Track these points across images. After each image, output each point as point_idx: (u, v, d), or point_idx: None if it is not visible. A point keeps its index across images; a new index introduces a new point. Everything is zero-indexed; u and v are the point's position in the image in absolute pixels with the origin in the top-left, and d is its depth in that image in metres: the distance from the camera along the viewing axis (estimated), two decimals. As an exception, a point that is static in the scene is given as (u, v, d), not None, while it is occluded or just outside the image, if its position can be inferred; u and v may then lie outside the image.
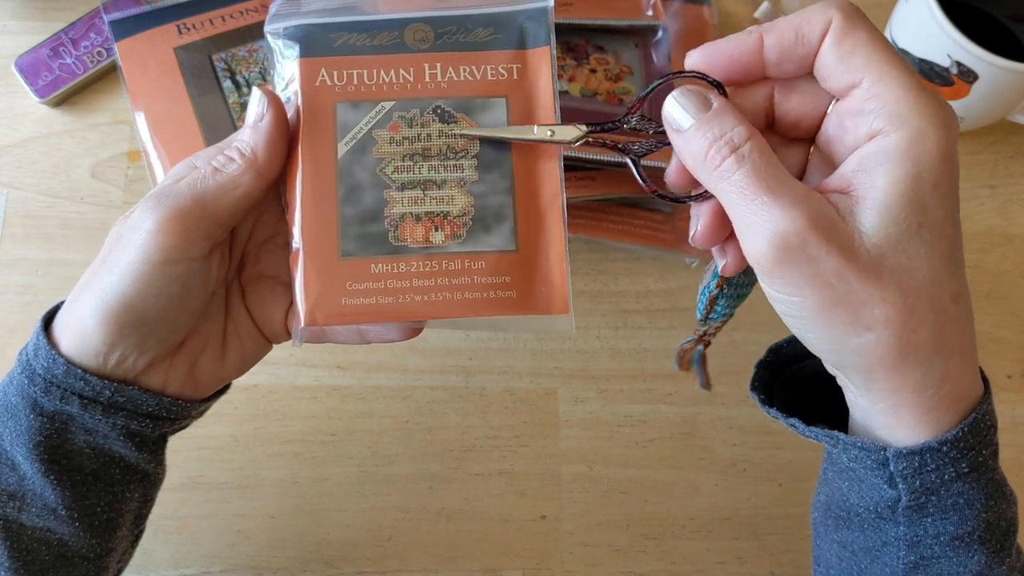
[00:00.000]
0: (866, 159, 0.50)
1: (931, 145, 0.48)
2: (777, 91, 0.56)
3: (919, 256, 0.49)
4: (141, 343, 0.57)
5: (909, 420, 0.52)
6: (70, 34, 1.00)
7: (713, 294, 0.62)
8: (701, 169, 0.52)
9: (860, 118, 0.51)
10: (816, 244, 0.48)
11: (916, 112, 0.48)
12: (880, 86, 0.49)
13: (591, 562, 0.89)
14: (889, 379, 0.51)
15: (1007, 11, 0.95)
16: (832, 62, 0.51)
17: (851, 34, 0.50)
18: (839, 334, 0.50)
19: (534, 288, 0.60)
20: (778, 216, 0.48)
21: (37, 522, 0.59)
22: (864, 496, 0.57)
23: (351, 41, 0.61)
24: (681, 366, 0.67)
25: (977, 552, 0.54)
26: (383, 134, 0.60)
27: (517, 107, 0.61)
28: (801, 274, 0.49)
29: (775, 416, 0.61)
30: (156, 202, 0.56)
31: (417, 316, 0.59)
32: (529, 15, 0.62)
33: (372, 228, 0.59)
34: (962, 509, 0.54)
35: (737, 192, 0.50)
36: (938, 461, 0.52)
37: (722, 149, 0.51)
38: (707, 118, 0.52)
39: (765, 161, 0.50)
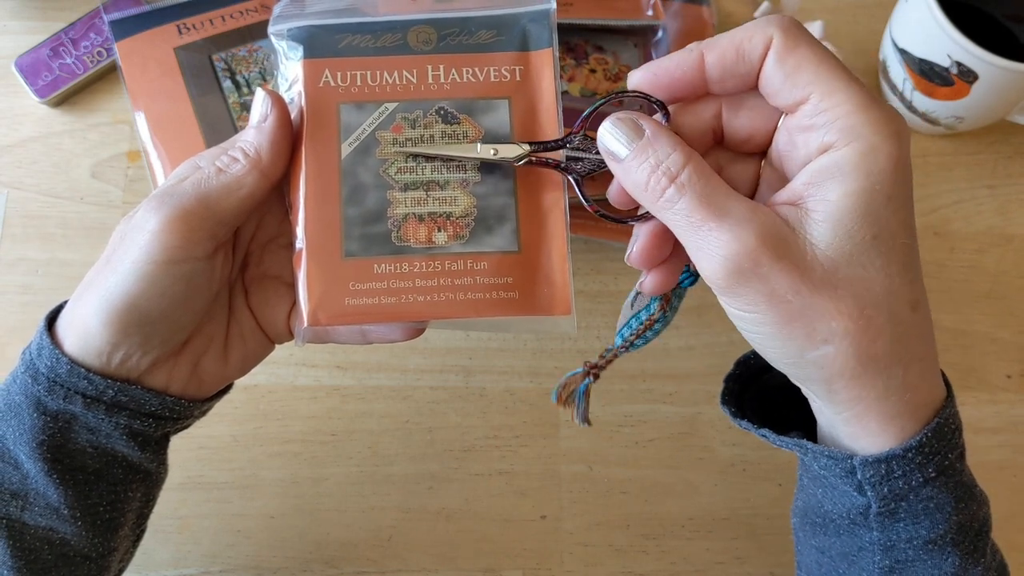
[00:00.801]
0: (818, 172, 0.50)
1: (883, 157, 0.49)
2: (725, 107, 0.56)
3: (874, 267, 0.49)
4: (145, 343, 0.57)
5: (874, 428, 0.53)
6: (70, 34, 1.00)
7: (654, 317, 0.62)
8: (643, 199, 0.53)
9: (810, 133, 0.51)
10: (768, 262, 0.48)
11: (867, 125, 0.49)
12: (829, 100, 0.50)
13: (591, 562, 0.89)
14: (850, 390, 0.51)
15: (1007, 11, 0.95)
16: (778, 79, 0.51)
17: (794, 51, 0.51)
18: (797, 347, 0.51)
19: (536, 289, 0.60)
20: (726, 239, 0.49)
21: (40, 521, 0.59)
22: (837, 503, 0.57)
23: (355, 43, 0.61)
24: (559, 399, 0.67)
25: (951, 554, 0.55)
26: (386, 135, 0.60)
27: (520, 108, 0.61)
28: (756, 292, 0.49)
29: (746, 428, 0.61)
30: (160, 202, 0.56)
31: (420, 316, 0.59)
32: (532, 17, 0.62)
33: (375, 228, 0.59)
34: (932, 513, 0.54)
35: (683, 219, 0.51)
36: (904, 467, 0.53)
37: (660, 180, 0.51)
38: (641, 147, 0.53)
39: (706, 184, 0.51)
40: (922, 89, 0.94)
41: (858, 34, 1.07)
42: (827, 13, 1.07)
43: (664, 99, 0.55)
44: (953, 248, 0.99)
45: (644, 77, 0.55)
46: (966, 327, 0.97)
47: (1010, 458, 0.93)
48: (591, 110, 0.58)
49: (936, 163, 1.02)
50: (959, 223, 1.00)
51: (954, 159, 1.03)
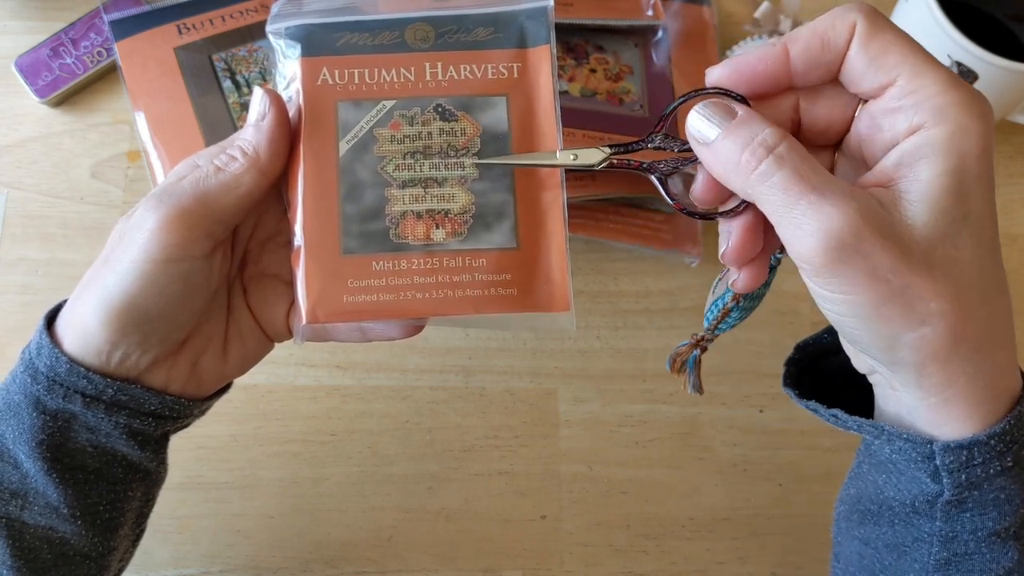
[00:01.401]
0: (908, 153, 0.49)
1: (974, 137, 0.48)
2: (803, 100, 0.55)
3: (967, 247, 0.49)
4: (144, 341, 0.57)
5: (959, 414, 0.52)
6: (70, 34, 1.00)
7: (728, 307, 0.61)
8: (736, 176, 0.51)
9: (897, 115, 0.50)
10: (871, 240, 0.47)
11: (957, 106, 0.48)
12: (917, 82, 0.49)
13: (591, 562, 0.89)
14: (942, 373, 0.51)
15: (1007, 11, 0.95)
16: (862, 64, 0.51)
17: (879, 35, 0.50)
18: (893, 330, 0.49)
19: (535, 286, 0.60)
20: (828, 214, 0.48)
21: (39, 520, 0.59)
22: (902, 490, 0.56)
23: (352, 40, 0.61)
24: (673, 369, 0.67)
25: (1012, 548, 0.54)
26: (384, 132, 0.60)
27: (517, 105, 0.61)
28: (856, 272, 0.48)
29: (814, 408, 0.60)
30: (159, 201, 0.56)
31: (418, 313, 0.59)
32: (529, 14, 0.62)
33: (373, 226, 0.59)
34: (1002, 504, 0.53)
35: (780, 193, 0.49)
36: (985, 455, 0.52)
37: (757, 151, 0.50)
38: (734, 125, 0.52)
39: (804, 159, 0.50)
40: (922, 89, 0.94)
41: (858, 34, 1.07)
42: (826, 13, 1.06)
43: (746, 94, 0.54)
44: (954, 248, 0.99)
45: (725, 73, 0.54)
46: (967, 327, 0.96)
47: (1011, 458, 0.92)
48: (671, 109, 0.57)
49: (937, 163, 1.02)
50: (960, 223, 1.00)
51: (955, 159, 1.02)
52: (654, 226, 0.96)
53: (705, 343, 0.65)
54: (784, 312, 0.96)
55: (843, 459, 0.74)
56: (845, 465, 0.63)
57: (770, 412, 0.93)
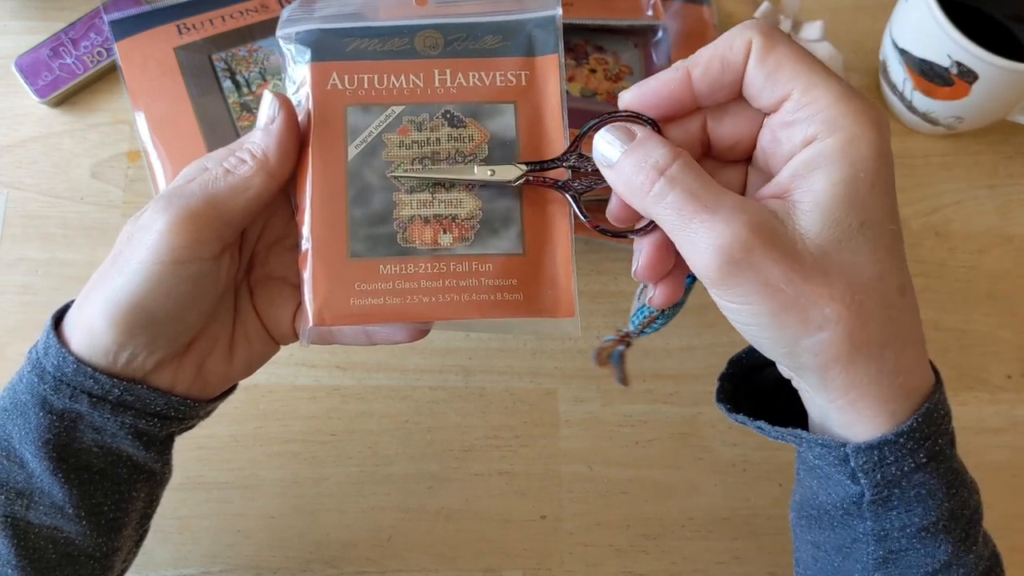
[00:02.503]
0: (803, 164, 0.51)
1: (865, 145, 0.50)
2: (710, 118, 0.57)
3: (863, 252, 0.50)
4: (150, 343, 0.57)
5: (867, 414, 0.53)
6: (70, 34, 1.00)
7: (654, 315, 0.62)
8: (635, 197, 0.54)
9: (794, 128, 0.52)
10: (760, 252, 0.49)
11: (848, 116, 0.50)
12: (810, 95, 0.51)
13: (591, 562, 0.89)
14: (844, 375, 0.52)
15: (1007, 11, 0.95)
16: (760, 80, 0.53)
17: (773, 51, 0.52)
18: (792, 336, 0.51)
19: (540, 291, 0.60)
20: (719, 230, 0.49)
21: (44, 520, 0.59)
22: (831, 493, 0.58)
23: (362, 46, 0.62)
24: (599, 361, 0.67)
25: (943, 542, 0.55)
26: (393, 137, 0.61)
27: (525, 113, 0.62)
28: (749, 283, 0.50)
29: (742, 422, 0.61)
30: (168, 202, 0.56)
31: (424, 317, 0.59)
32: (538, 23, 0.63)
33: (381, 230, 0.60)
34: (925, 500, 0.54)
35: (674, 213, 0.51)
36: (896, 453, 0.53)
37: (650, 173, 0.52)
38: (632, 147, 0.54)
39: (695, 178, 0.52)
40: (922, 89, 0.94)
41: (858, 34, 1.07)
42: (827, 13, 1.07)
43: (655, 117, 0.56)
44: (953, 248, 0.99)
45: (634, 97, 0.56)
46: (966, 327, 0.97)
47: (1010, 458, 0.93)
48: (585, 130, 0.58)
49: (936, 163, 1.03)
50: (959, 223, 1.00)
51: (954, 159, 1.03)
52: (654, 226, 0.96)
53: (629, 339, 0.66)
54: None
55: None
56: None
57: (770, 412, 0.93)
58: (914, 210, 1.01)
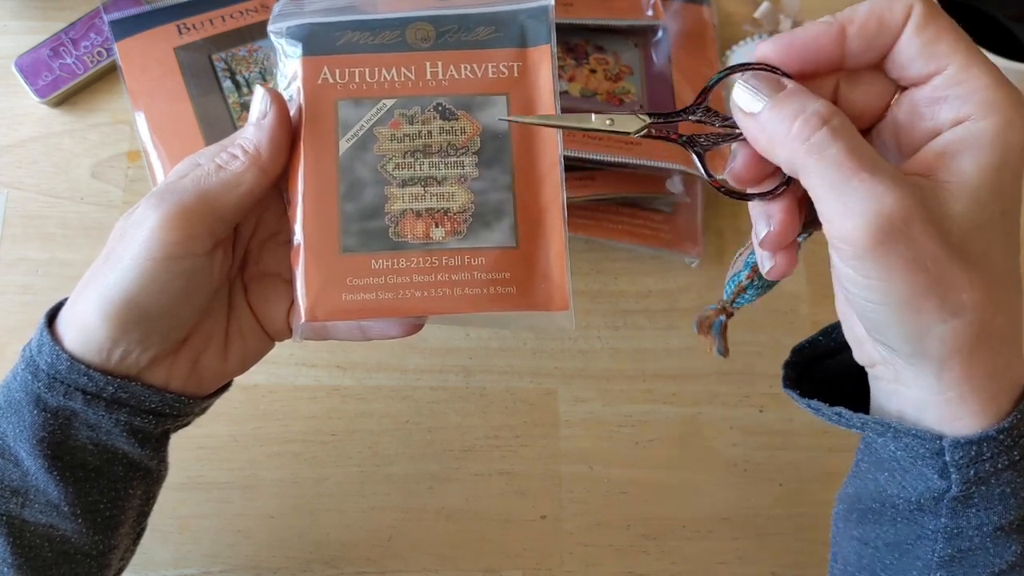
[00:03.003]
0: (952, 144, 0.49)
1: (1019, 132, 0.48)
2: (843, 83, 0.54)
3: (998, 242, 0.49)
4: (144, 339, 0.57)
5: (975, 408, 0.51)
6: (70, 34, 1.00)
7: (743, 284, 0.60)
8: (784, 147, 0.50)
9: (942, 105, 0.50)
10: (920, 224, 0.46)
11: (1006, 101, 0.48)
12: (967, 73, 0.49)
13: (591, 562, 0.89)
14: (962, 368, 0.50)
15: (1007, 11, 0.95)
16: (913, 50, 0.50)
17: (933, 22, 0.49)
18: (924, 320, 0.49)
19: (534, 284, 0.60)
20: (880, 195, 0.46)
21: (40, 518, 0.59)
22: (906, 487, 0.56)
23: (353, 40, 0.62)
24: (700, 331, 0.66)
25: (1015, 542, 0.53)
26: (384, 131, 0.60)
27: (518, 105, 0.61)
28: (899, 257, 0.47)
29: (816, 408, 0.58)
30: (160, 199, 0.56)
31: (417, 312, 0.59)
32: (530, 14, 0.62)
33: (373, 224, 0.60)
34: (1007, 499, 0.52)
35: (832, 168, 0.48)
36: (994, 450, 0.51)
37: (811, 120, 0.49)
38: (784, 95, 0.50)
39: (856, 136, 0.49)
40: (922, 89, 0.94)
41: (858, 34, 1.07)
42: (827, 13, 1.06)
43: (794, 72, 0.53)
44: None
45: (777, 48, 0.53)
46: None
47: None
48: (715, 81, 0.56)
49: (936, 163, 1.02)
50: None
51: (954, 159, 1.02)
52: (654, 226, 0.96)
53: (731, 309, 0.64)
54: (784, 312, 0.96)
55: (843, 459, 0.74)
56: (845, 465, 0.63)
57: (770, 412, 0.93)
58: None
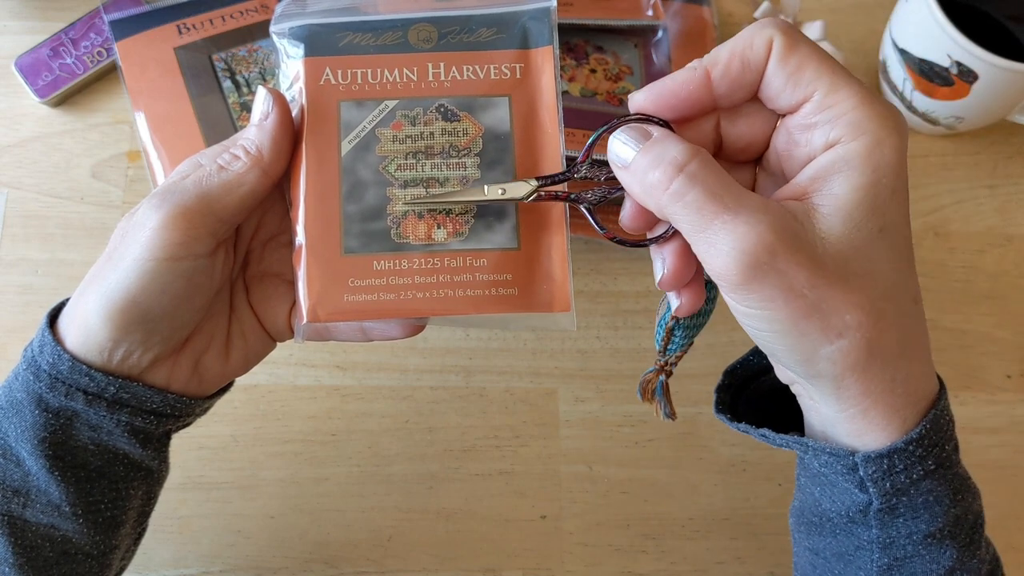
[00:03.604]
0: (824, 167, 0.50)
1: (889, 151, 0.49)
2: (723, 119, 0.56)
3: (881, 259, 0.50)
4: (146, 340, 0.57)
5: (878, 422, 0.52)
6: (70, 34, 1.00)
7: (669, 326, 0.61)
8: (651, 197, 0.51)
9: (814, 130, 0.51)
10: (784, 256, 0.48)
11: (873, 120, 0.49)
12: (833, 97, 0.50)
13: (591, 562, 0.89)
14: (859, 384, 0.51)
15: (1007, 11, 0.95)
16: (780, 81, 0.51)
17: (795, 50, 0.50)
18: (811, 343, 0.50)
19: (536, 286, 0.60)
20: (741, 232, 0.48)
21: (41, 518, 0.59)
22: (836, 501, 0.57)
23: (355, 41, 0.62)
24: (644, 397, 0.66)
25: (948, 548, 0.54)
26: (386, 132, 0.60)
27: (520, 106, 0.61)
28: (772, 288, 0.48)
29: (745, 430, 0.60)
30: (161, 199, 0.56)
31: (419, 313, 0.59)
32: (532, 15, 0.62)
33: (375, 225, 0.59)
34: (931, 507, 0.54)
35: (694, 213, 0.49)
36: (906, 461, 0.52)
37: (668, 170, 0.50)
38: (648, 145, 0.52)
39: (715, 177, 0.50)
40: (922, 89, 0.94)
41: (858, 34, 1.07)
42: (827, 13, 1.07)
43: (669, 119, 0.55)
44: (953, 248, 0.99)
45: (648, 98, 0.55)
46: (966, 327, 0.97)
47: (1010, 458, 0.93)
48: (594, 139, 0.57)
49: (936, 163, 1.02)
50: (959, 223, 1.00)
51: (954, 159, 1.03)
52: (654, 226, 0.96)
53: (669, 367, 0.64)
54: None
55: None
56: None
57: (770, 412, 0.93)
58: (914, 210, 1.00)
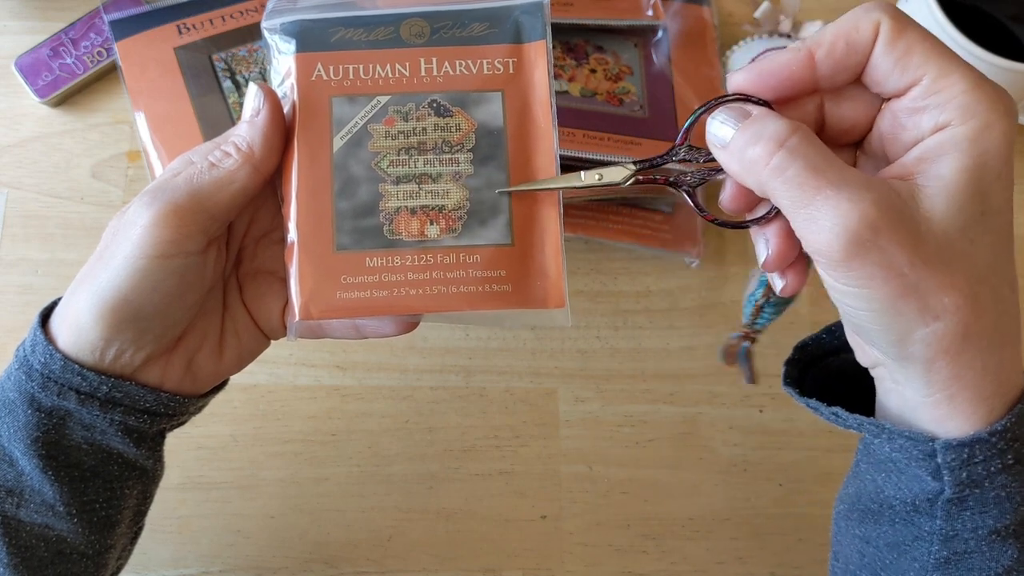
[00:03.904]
0: (931, 149, 0.49)
1: (998, 134, 0.48)
2: (827, 101, 0.55)
3: (982, 243, 0.49)
4: (138, 338, 0.57)
5: (964, 409, 0.51)
6: (70, 34, 1.00)
7: (759, 303, 0.61)
8: (751, 174, 0.51)
9: (923, 114, 0.50)
10: (888, 233, 0.47)
11: (983, 103, 0.48)
12: (943, 81, 0.49)
13: (591, 562, 0.89)
14: (950, 369, 0.50)
15: (1007, 11, 0.95)
16: (887, 65, 0.50)
17: (904, 35, 0.50)
18: (906, 324, 0.49)
19: (530, 282, 0.60)
20: (844, 208, 0.47)
21: (36, 518, 0.59)
22: (902, 488, 0.56)
23: (347, 36, 0.61)
24: (727, 361, 0.66)
25: (1011, 547, 0.53)
26: (378, 128, 0.60)
27: (513, 101, 0.61)
28: (873, 265, 0.48)
29: (814, 407, 0.59)
30: (152, 197, 0.56)
31: (412, 310, 0.59)
32: (525, 9, 0.62)
33: (367, 222, 0.59)
34: (1003, 503, 0.53)
35: (795, 188, 0.49)
36: (987, 452, 0.51)
37: (768, 145, 0.50)
38: (747, 123, 0.51)
39: (817, 151, 0.49)
40: (923, 88, 0.94)
41: (859, 33, 1.07)
42: (827, 13, 1.06)
43: (770, 99, 0.54)
44: (955, 247, 0.99)
45: (748, 78, 0.54)
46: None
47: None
48: (692, 120, 0.56)
49: (938, 162, 1.02)
50: (961, 222, 1.00)
51: (956, 158, 1.02)
52: (654, 226, 0.96)
53: (753, 334, 0.64)
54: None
55: (843, 459, 0.73)
56: (845, 465, 0.63)
57: (770, 412, 0.93)
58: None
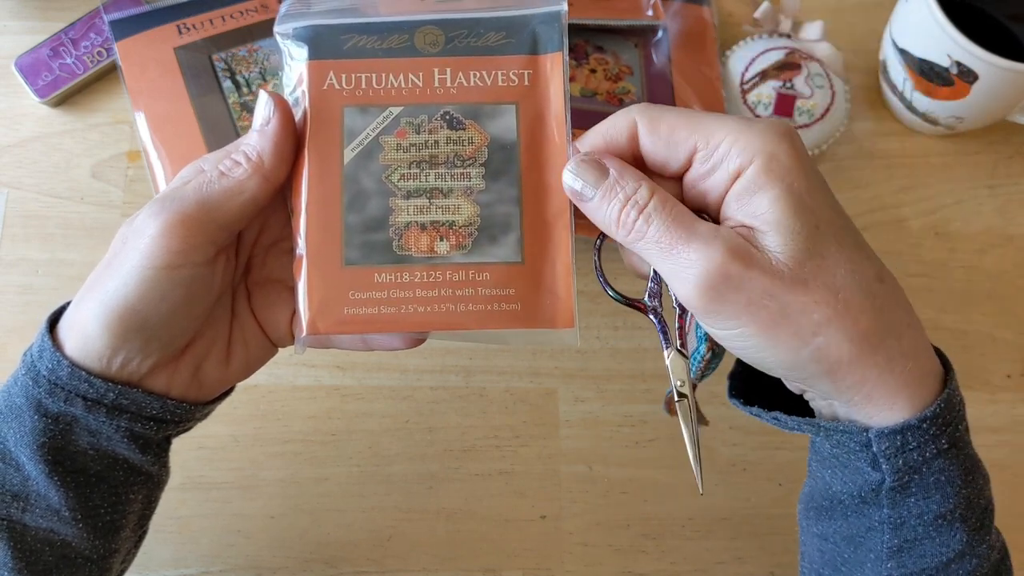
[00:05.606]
0: (739, 195, 0.53)
1: (785, 157, 0.52)
2: None
3: (830, 253, 0.52)
4: (145, 347, 0.57)
5: (885, 402, 0.54)
6: (70, 34, 1.00)
7: (707, 358, 0.62)
8: (616, 235, 0.56)
9: (715, 173, 0.54)
10: (738, 271, 0.51)
11: (759, 138, 0.52)
12: (715, 138, 0.53)
13: (591, 562, 0.89)
14: (854, 373, 0.53)
15: (1007, 11, 0.95)
16: (660, 148, 0.55)
17: (662, 119, 0.55)
18: (790, 349, 0.52)
19: (539, 301, 0.59)
20: (696, 258, 0.52)
21: (41, 523, 0.59)
22: (848, 482, 0.58)
23: (361, 43, 0.60)
24: (670, 411, 0.67)
25: (959, 530, 0.55)
26: (390, 140, 0.60)
27: (527, 115, 0.60)
28: (734, 305, 0.52)
29: (756, 414, 0.62)
30: (161, 206, 0.56)
31: (420, 327, 0.59)
32: (542, 19, 0.61)
33: (376, 236, 0.59)
34: (943, 487, 0.55)
35: (655, 248, 0.54)
36: (919, 438, 0.53)
37: (630, 214, 0.54)
38: (608, 185, 0.55)
39: (670, 211, 0.54)
40: (922, 89, 0.94)
41: (858, 34, 1.07)
42: (827, 13, 1.06)
43: None
44: (953, 248, 0.99)
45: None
46: (966, 327, 0.97)
47: (1010, 458, 0.93)
48: None
49: (936, 163, 1.02)
50: (959, 223, 1.00)
51: (954, 159, 1.03)
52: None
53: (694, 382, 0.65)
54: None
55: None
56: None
57: (770, 413, 0.93)
58: (914, 210, 1.00)
